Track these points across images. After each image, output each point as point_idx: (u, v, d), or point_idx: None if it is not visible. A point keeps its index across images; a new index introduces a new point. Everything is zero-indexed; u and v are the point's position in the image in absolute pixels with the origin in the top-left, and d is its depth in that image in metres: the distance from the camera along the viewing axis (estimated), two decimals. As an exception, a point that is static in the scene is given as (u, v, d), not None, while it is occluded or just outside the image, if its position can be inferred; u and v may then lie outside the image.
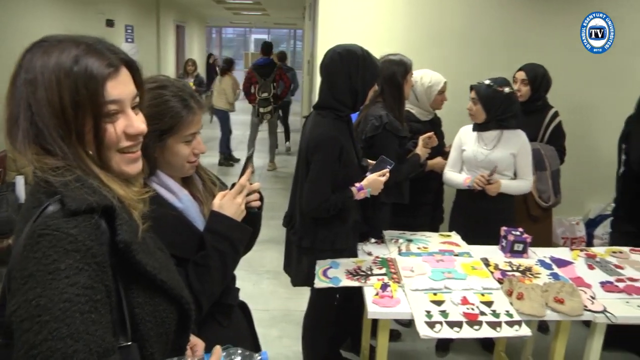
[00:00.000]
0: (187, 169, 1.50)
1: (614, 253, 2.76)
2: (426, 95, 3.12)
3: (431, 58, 3.86)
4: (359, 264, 2.42)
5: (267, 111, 7.59)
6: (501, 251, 2.68)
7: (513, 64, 3.56)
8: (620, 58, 4.32)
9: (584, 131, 4.27)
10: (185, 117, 1.41)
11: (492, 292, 2.19)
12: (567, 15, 4.30)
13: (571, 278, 2.40)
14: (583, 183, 4.02)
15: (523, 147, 2.97)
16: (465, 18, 4.20)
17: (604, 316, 2.11)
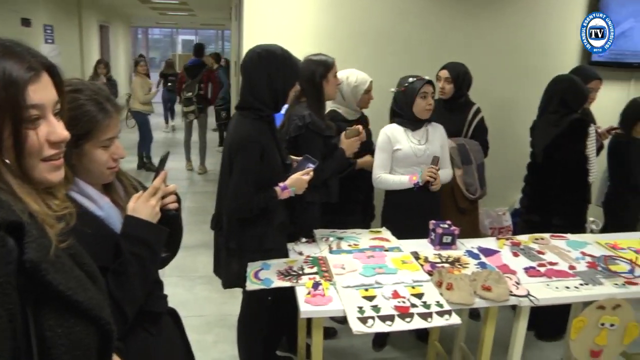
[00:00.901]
0: (107, 175, 1.44)
1: (536, 240, 2.88)
2: (353, 95, 3.14)
3: (357, 57, 3.91)
4: (291, 264, 2.40)
5: (189, 110, 7.59)
6: (430, 244, 2.73)
7: (436, 63, 3.66)
8: (532, 58, 4.56)
9: (505, 126, 4.45)
10: (101, 121, 1.36)
11: (422, 285, 2.23)
12: (487, 16, 4.46)
13: (498, 266, 2.48)
14: (507, 175, 4.16)
15: (445, 138, 3.11)
16: (389, 18, 4.28)
17: (528, 300, 2.20)
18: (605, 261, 2.61)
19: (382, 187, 3.09)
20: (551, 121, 3.29)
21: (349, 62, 3.36)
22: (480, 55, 4.29)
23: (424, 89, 2.93)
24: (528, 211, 3.45)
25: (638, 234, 3.21)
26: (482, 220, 3.93)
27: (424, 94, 2.93)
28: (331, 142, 2.82)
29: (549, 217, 3.29)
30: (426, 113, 2.98)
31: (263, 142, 2.33)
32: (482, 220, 3.93)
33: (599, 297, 2.32)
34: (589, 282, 2.41)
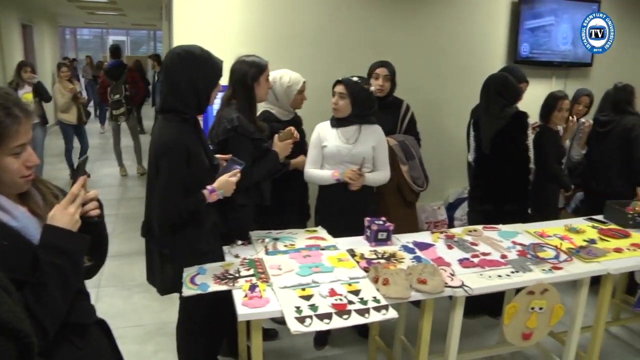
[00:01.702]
0: (20, 184, 1.37)
1: (469, 232, 2.96)
2: (286, 95, 3.12)
3: (290, 58, 3.89)
4: (227, 267, 2.36)
5: (120, 113, 7.42)
6: (366, 241, 2.75)
7: (368, 62, 3.70)
8: (461, 58, 4.70)
9: (436, 123, 4.58)
10: (9, 128, 1.29)
11: (358, 281, 2.24)
12: (417, 16, 4.55)
13: (432, 259, 2.52)
14: (441, 171, 4.27)
15: (381, 140, 3.11)
16: (321, 18, 4.29)
17: (462, 290, 2.26)
18: (534, 249, 2.72)
19: (310, 182, 3.15)
20: (494, 115, 3.44)
21: (282, 62, 3.34)
22: (412, 55, 4.39)
23: (334, 88, 3.03)
24: (482, 202, 3.57)
25: (563, 221, 3.36)
26: (418, 215, 4.01)
27: (333, 92, 3.02)
28: (262, 145, 2.78)
29: (501, 205, 3.46)
30: (333, 111, 3.03)
31: (188, 144, 2.28)
32: (418, 215, 4.01)
33: (529, 283, 2.41)
34: (519, 269, 2.50)
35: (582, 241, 2.96)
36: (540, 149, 3.72)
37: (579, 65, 5.49)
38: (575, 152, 4.32)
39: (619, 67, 5.74)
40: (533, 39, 5.03)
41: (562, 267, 2.57)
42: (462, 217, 4.39)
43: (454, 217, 4.58)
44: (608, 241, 3.02)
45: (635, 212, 3.30)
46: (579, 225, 3.24)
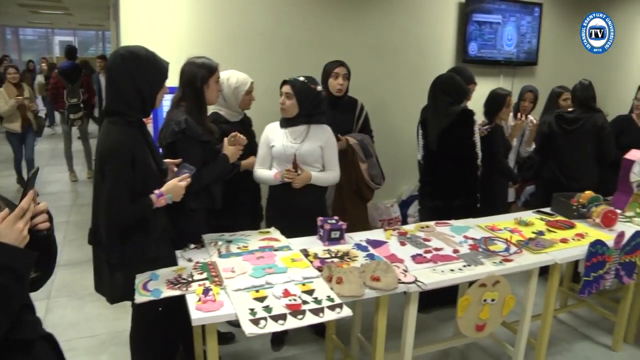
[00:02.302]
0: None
1: (422, 228, 3.01)
2: (234, 96, 3.09)
3: (238, 58, 3.87)
4: (180, 271, 2.32)
5: (77, 117, 7.20)
6: (319, 240, 2.75)
7: (318, 62, 3.71)
8: (411, 57, 4.77)
9: (388, 122, 4.62)
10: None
11: (312, 281, 2.23)
12: (366, 16, 4.58)
13: (386, 256, 2.55)
14: (393, 168, 4.31)
15: (329, 140, 3.09)
16: (270, 18, 4.26)
17: (415, 286, 2.29)
18: (485, 242, 2.77)
19: (258, 181, 3.14)
20: (441, 113, 3.49)
21: (230, 62, 3.30)
22: (362, 55, 4.41)
23: (281, 88, 3.02)
24: (432, 198, 3.62)
25: (513, 215, 3.45)
26: (371, 213, 4.05)
27: (280, 93, 3.02)
28: (211, 147, 2.74)
29: (450, 201, 3.51)
30: (281, 111, 3.03)
31: (134, 148, 2.22)
32: (371, 213, 4.05)
33: (481, 276, 2.47)
34: (471, 263, 2.55)
35: (531, 233, 3.05)
36: (490, 145, 3.80)
37: (525, 64, 5.66)
38: (522, 149, 4.45)
39: (562, 66, 5.99)
40: (480, 39, 5.16)
41: (513, 259, 2.65)
42: (416, 214, 4.46)
43: (408, 214, 4.65)
44: (555, 232, 3.12)
45: (579, 203, 3.42)
46: (528, 218, 3.34)
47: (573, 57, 6.18)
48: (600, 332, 3.70)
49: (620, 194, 3.68)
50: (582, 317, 3.91)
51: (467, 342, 3.29)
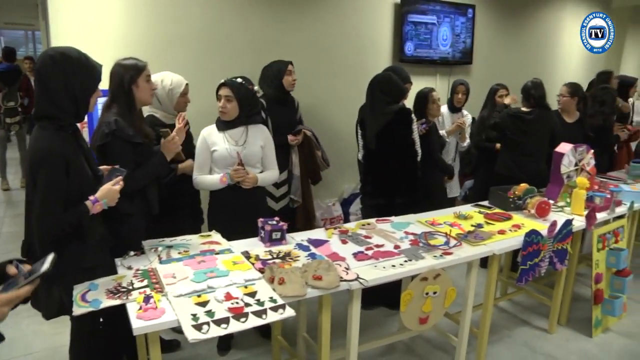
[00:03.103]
0: None
1: (363, 226, 3.04)
2: (168, 98, 3.04)
3: (172, 59, 3.81)
4: (119, 280, 2.26)
5: (14, 121, 6.91)
6: (261, 242, 2.74)
7: (256, 62, 3.71)
8: (349, 57, 4.82)
9: (327, 121, 4.66)
10: None
11: (254, 283, 2.22)
12: (305, 17, 4.59)
13: (327, 255, 2.57)
14: (334, 167, 4.34)
15: (268, 139, 3.12)
16: (206, 18, 4.19)
17: (358, 283, 2.31)
18: (425, 237, 2.84)
19: (200, 188, 3.09)
20: (379, 112, 3.53)
21: (164, 64, 3.26)
22: (300, 54, 4.41)
23: (218, 91, 2.99)
24: (373, 196, 3.65)
25: (452, 209, 3.55)
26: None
27: (219, 96, 2.99)
28: (145, 150, 2.66)
29: (392, 199, 3.56)
30: (221, 115, 3.01)
31: (66, 153, 2.13)
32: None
33: (422, 270, 2.52)
34: (412, 258, 2.60)
35: (470, 226, 3.14)
36: (426, 141, 3.88)
37: (460, 64, 5.82)
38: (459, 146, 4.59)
39: (495, 64, 6.21)
40: (416, 39, 5.27)
41: (453, 252, 2.72)
42: (357, 212, 4.51)
43: (350, 212, 4.69)
44: (493, 224, 3.22)
45: (515, 196, 3.55)
46: (467, 211, 3.44)
47: (505, 56, 6.44)
48: (537, 316, 3.86)
49: (552, 185, 3.84)
50: (520, 304, 4.06)
51: (412, 336, 3.35)
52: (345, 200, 4.74)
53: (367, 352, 3.13)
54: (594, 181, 3.99)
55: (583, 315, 3.80)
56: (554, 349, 3.44)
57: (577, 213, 3.50)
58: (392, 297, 3.36)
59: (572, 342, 3.54)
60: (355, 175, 4.00)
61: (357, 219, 4.15)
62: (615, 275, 3.70)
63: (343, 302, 2.68)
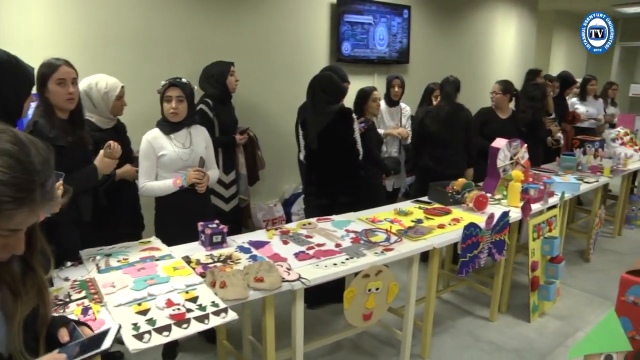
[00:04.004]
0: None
1: (304, 226, 3.07)
2: (104, 102, 2.96)
3: (107, 61, 3.71)
4: (56, 292, 2.19)
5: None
6: (202, 246, 2.71)
7: (193, 63, 3.65)
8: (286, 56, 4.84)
9: (267, 121, 4.66)
10: (10, 212, 0.96)
11: (196, 288, 2.20)
12: (242, 16, 4.56)
13: (268, 256, 2.57)
14: (274, 168, 4.35)
15: (208, 139, 3.13)
16: (141, 18, 4.07)
17: (300, 283, 2.33)
18: (366, 234, 2.89)
19: (149, 196, 3.01)
20: (320, 112, 3.55)
21: (98, 66, 3.18)
22: (239, 54, 4.38)
23: (167, 92, 2.94)
24: (317, 196, 3.67)
25: (392, 206, 3.61)
26: (255, 214, 4.06)
27: (168, 97, 2.94)
28: (75, 154, 2.58)
29: (335, 198, 3.58)
30: (172, 116, 2.97)
31: None
32: (255, 213, 4.06)
33: (363, 267, 2.56)
34: (353, 255, 2.64)
35: (410, 222, 3.21)
36: (364, 139, 3.93)
37: (397, 63, 5.94)
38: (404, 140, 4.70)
39: (432, 63, 6.38)
40: (353, 39, 5.34)
41: (393, 248, 2.77)
42: (299, 212, 4.53)
43: (291, 213, 4.71)
44: (433, 219, 3.30)
45: (454, 190, 3.65)
46: (407, 207, 3.51)
47: (441, 55, 6.62)
48: (479, 306, 3.99)
49: (489, 179, 3.98)
50: (463, 295, 4.18)
51: (358, 332, 3.40)
52: (287, 200, 4.75)
53: (314, 351, 3.15)
54: (528, 174, 4.15)
55: (522, 302, 3.94)
56: (496, 336, 3.56)
57: (513, 205, 3.64)
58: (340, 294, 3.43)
59: (512, 328, 3.67)
60: (296, 175, 4.02)
61: (299, 219, 4.17)
62: (549, 262, 3.86)
63: (288, 302, 2.70)
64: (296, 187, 4.70)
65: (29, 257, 1.14)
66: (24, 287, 1.13)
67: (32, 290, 1.14)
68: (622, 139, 5.73)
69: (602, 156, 5.20)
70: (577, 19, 11.10)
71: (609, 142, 5.55)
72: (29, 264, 1.15)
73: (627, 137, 5.83)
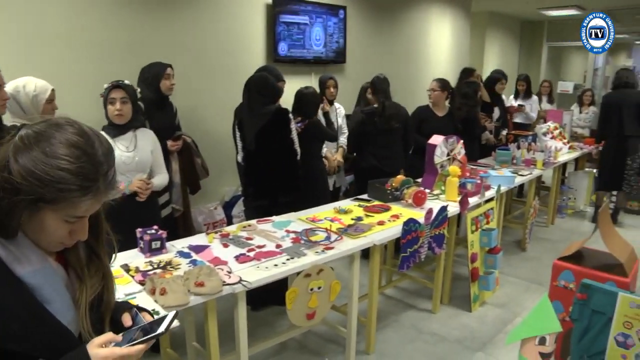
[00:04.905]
0: (52, 247, 1.13)
1: (244, 228, 3.05)
2: (33, 106, 2.84)
3: (36, 63, 3.54)
4: None
5: None
6: (141, 253, 2.65)
7: (127, 65, 3.56)
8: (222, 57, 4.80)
9: (205, 123, 4.61)
10: (76, 199, 1.04)
11: (135, 297, 2.15)
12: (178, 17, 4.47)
13: (209, 260, 2.54)
14: (214, 170, 4.27)
15: (156, 143, 3.08)
16: (72, 18, 3.82)
17: (241, 285, 2.31)
18: (307, 234, 2.90)
19: None
20: (257, 113, 3.53)
21: (26, 68, 3.04)
22: (175, 56, 4.25)
23: (111, 94, 2.88)
24: (256, 198, 3.64)
25: (332, 205, 3.64)
26: (195, 218, 4.01)
27: (112, 99, 2.89)
28: None
29: (275, 198, 3.57)
30: (117, 118, 2.91)
31: None
32: (195, 217, 4.01)
33: (304, 266, 2.57)
34: (294, 255, 2.64)
35: (350, 220, 3.24)
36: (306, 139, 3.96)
37: (334, 63, 5.99)
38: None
39: (368, 63, 6.46)
40: (289, 39, 5.34)
41: (334, 246, 2.79)
42: (240, 214, 4.50)
43: (232, 215, 4.67)
44: (372, 216, 3.35)
45: (393, 187, 3.72)
46: (346, 206, 3.55)
47: (377, 55, 6.72)
48: (422, 299, 4.07)
49: (427, 175, 4.07)
50: (406, 289, 4.26)
51: (303, 332, 3.41)
52: (227, 203, 4.71)
53: (259, 353, 3.14)
54: (465, 169, 4.28)
55: (463, 293, 4.06)
56: (439, 327, 3.65)
57: (451, 199, 3.74)
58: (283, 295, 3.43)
59: (455, 319, 3.78)
60: (235, 177, 3.98)
61: (240, 222, 4.16)
62: (488, 253, 3.99)
63: (231, 306, 2.68)
64: (236, 190, 4.66)
65: (95, 244, 1.21)
66: (89, 272, 1.19)
67: (96, 276, 1.20)
68: (552, 133, 5.98)
69: (534, 150, 5.43)
70: (509, 19, 11.67)
71: (540, 136, 5.78)
72: (94, 250, 1.22)
73: (556, 131, 6.09)
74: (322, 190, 4.20)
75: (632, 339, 2.48)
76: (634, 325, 2.47)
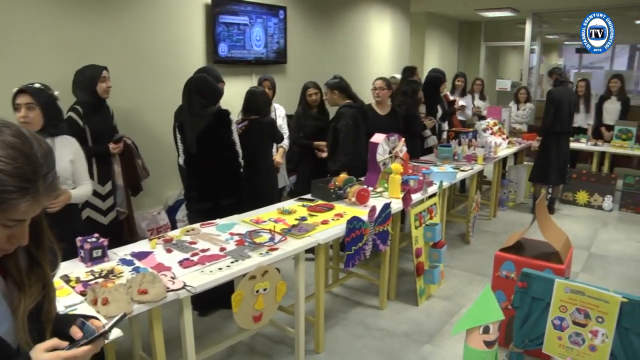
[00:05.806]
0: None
1: (187, 232, 3.02)
2: None
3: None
4: None
5: None
6: (82, 262, 2.57)
7: (67, 65, 3.46)
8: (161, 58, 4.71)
9: (143, 125, 4.51)
10: (14, 200, 0.99)
11: (76, 308, 2.10)
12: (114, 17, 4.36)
13: (152, 266, 2.50)
14: (156, 174, 4.21)
15: (78, 151, 2.88)
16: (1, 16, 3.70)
17: (185, 291, 2.29)
18: (250, 236, 2.90)
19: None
20: (197, 114, 3.49)
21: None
22: (111, 57, 4.15)
23: (16, 100, 2.69)
24: (199, 201, 3.60)
25: (275, 205, 3.65)
26: (139, 224, 3.95)
27: (17, 105, 2.70)
28: None
29: (218, 201, 3.53)
30: (23, 126, 2.77)
31: None
32: (139, 223, 3.95)
33: (249, 269, 2.56)
34: (238, 258, 2.64)
35: (294, 220, 3.26)
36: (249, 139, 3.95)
37: (276, 63, 6.00)
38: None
39: (309, 63, 6.50)
40: (229, 40, 5.31)
41: (278, 247, 2.81)
42: (184, 219, 4.45)
43: (176, 220, 4.61)
44: (316, 216, 3.38)
45: (335, 186, 3.76)
46: (290, 206, 3.57)
47: (318, 55, 6.78)
48: (369, 296, 4.14)
49: (370, 173, 4.14)
50: (352, 287, 4.31)
51: (251, 334, 3.41)
52: (171, 207, 4.64)
53: (209, 358, 3.11)
54: (408, 166, 4.37)
55: (409, 288, 4.15)
56: (386, 322, 3.71)
57: (394, 196, 3.81)
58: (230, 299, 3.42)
59: (402, 313, 3.85)
60: (178, 181, 3.93)
61: (184, 226, 4.13)
62: (432, 247, 4.09)
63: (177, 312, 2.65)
64: (179, 193, 4.59)
65: (36, 252, 1.17)
66: (29, 281, 1.14)
67: (36, 284, 1.15)
68: (491, 129, 6.19)
69: (475, 145, 5.60)
70: (447, 20, 12.00)
71: (480, 132, 5.97)
72: (35, 259, 1.17)
73: (495, 127, 6.31)
74: (272, 190, 4.20)
75: (567, 321, 2.62)
76: (568, 308, 2.60)
